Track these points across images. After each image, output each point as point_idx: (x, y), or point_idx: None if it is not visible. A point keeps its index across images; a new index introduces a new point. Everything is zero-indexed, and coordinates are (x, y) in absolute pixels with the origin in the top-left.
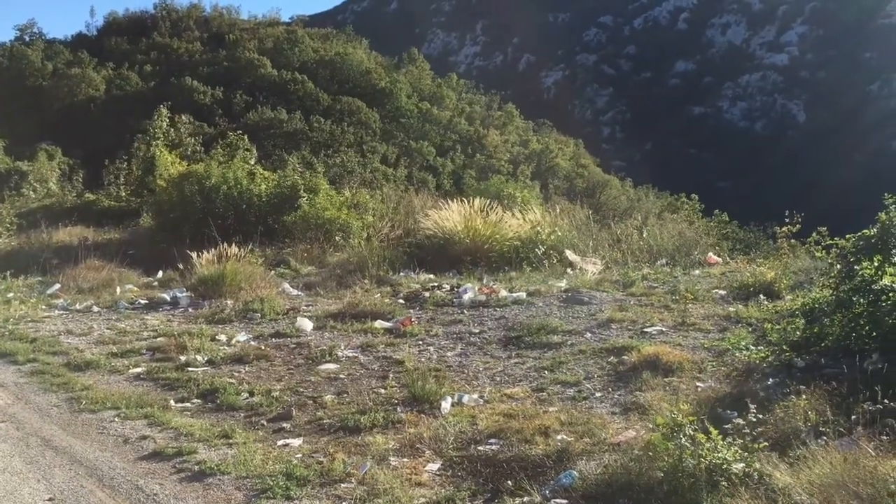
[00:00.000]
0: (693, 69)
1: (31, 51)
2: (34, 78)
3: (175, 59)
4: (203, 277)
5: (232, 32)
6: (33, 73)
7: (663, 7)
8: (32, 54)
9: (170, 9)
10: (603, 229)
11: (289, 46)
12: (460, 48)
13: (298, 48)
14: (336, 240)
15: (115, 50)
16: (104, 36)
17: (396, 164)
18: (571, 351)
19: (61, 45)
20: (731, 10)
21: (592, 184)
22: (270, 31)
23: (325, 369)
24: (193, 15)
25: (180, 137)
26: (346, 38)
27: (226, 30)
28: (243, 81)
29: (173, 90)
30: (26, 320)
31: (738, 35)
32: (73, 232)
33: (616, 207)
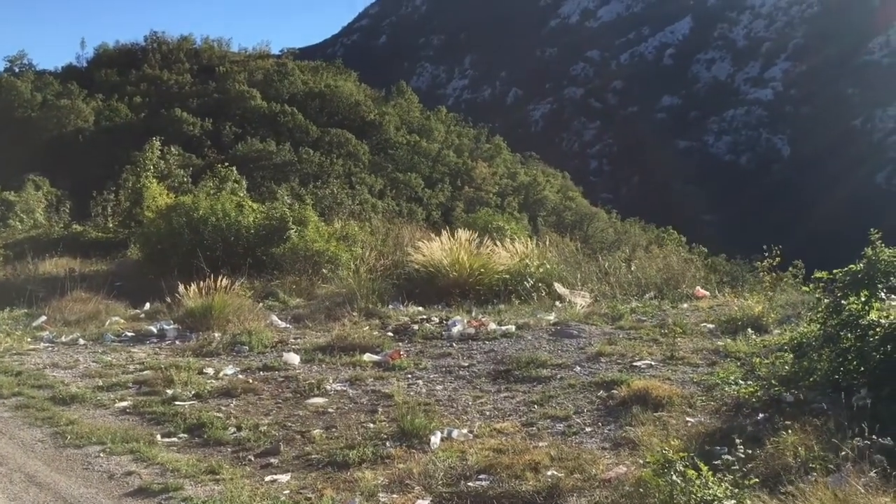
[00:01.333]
0: (679, 104)
1: (20, 82)
2: (23, 109)
3: (165, 91)
4: (190, 310)
5: (222, 64)
6: (22, 105)
7: (649, 43)
8: (22, 85)
9: (160, 41)
10: (591, 262)
11: (279, 79)
12: (449, 81)
13: (288, 80)
14: (324, 272)
15: (105, 81)
16: (94, 68)
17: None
18: (561, 385)
19: (51, 76)
20: (716, 46)
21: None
22: (260, 63)
23: (314, 403)
24: (184, 47)
25: (169, 169)
26: (335, 70)
27: (216, 62)
28: (233, 113)
29: (162, 121)
30: (11, 353)
31: (723, 70)
32: (60, 263)
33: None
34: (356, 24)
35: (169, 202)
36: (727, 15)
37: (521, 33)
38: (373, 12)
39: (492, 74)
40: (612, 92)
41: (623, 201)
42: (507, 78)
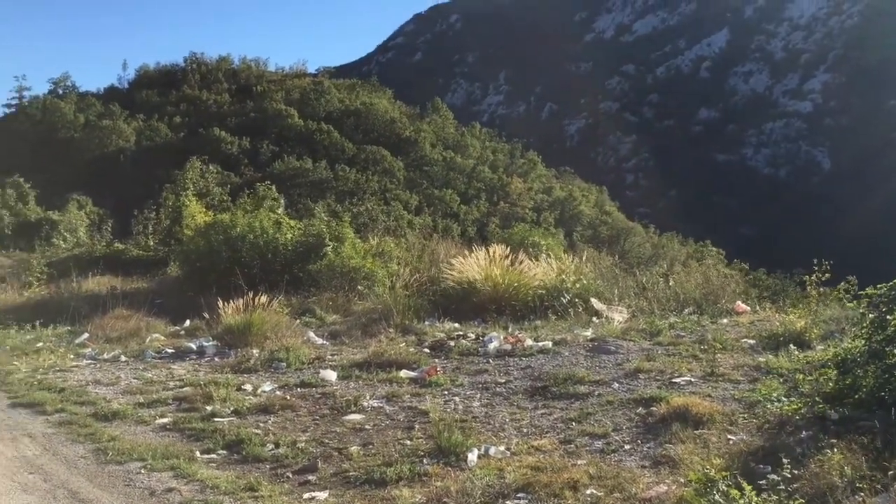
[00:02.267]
0: (716, 117)
1: (64, 104)
2: (66, 130)
3: (204, 111)
4: (229, 326)
5: (260, 84)
6: (66, 126)
7: (685, 56)
8: (65, 107)
9: (199, 61)
10: (628, 277)
11: (315, 97)
12: (483, 97)
13: (324, 99)
14: (361, 288)
15: (146, 102)
16: (135, 88)
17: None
18: (599, 402)
19: (93, 97)
20: (753, 58)
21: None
22: (297, 82)
23: (351, 420)
24: (222, 67)
25: (208, 187)
26: (371, 88)
27: (254, 81)
28: (270, 131)
29: (201, 141)
30: (55, 370)
31: (761, 83)
32: (102, 281)
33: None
34: (391, 42)
35: (207, 220)
36: (764, 27)
37: (556, 48)
38: (408, 30)
39: (526, 90)
40: (647, 105)
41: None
42: (542, 93)
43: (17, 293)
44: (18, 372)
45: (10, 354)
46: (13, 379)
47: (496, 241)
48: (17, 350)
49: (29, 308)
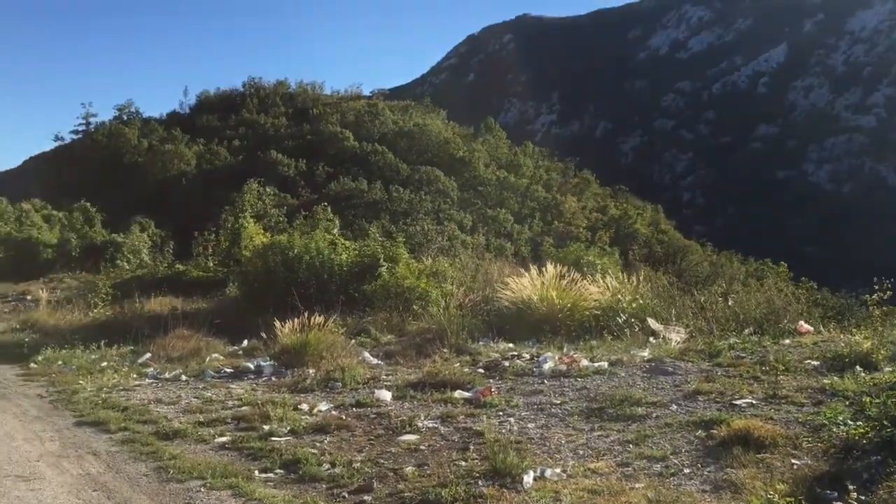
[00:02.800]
0: (775, 132)
1: (128, 129)
2: (130, 155)
3: (262, 134)
4: (286, 346)
5: (316, 107)
6: (130, 150)
7: (742, 72)
8: (129, 132)
9: (258, 86)
10: (686, 296)
11: (370, 119)
12: (536, 116)
13: (379, 120)
14: (415, 308)
15: (206, 126)
16: (196, 113)
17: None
18: (657, 424)
19: (156, 123)
20: (813, 72)
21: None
22: (352, 104)
23: (406, 440)
24: (280, 91)
25: (265, 209)
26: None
27: (310, 104)
28: (326, 153)
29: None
30: (118, 389)
31: (822, 98)
32: (164, 302)
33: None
34: (444, 64)
35: (265, 241)
36: (825, 41)
37: (609, 67)
38: (461, 51)
39: (580, 108)
40: (704, 122)
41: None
42: (596, 111)
43: (82, 314)
44: (84, 391)
45: (76, 374)
46: (79, 398)
47: (550, 260)
48: (83, 369)
49: (94, 328)
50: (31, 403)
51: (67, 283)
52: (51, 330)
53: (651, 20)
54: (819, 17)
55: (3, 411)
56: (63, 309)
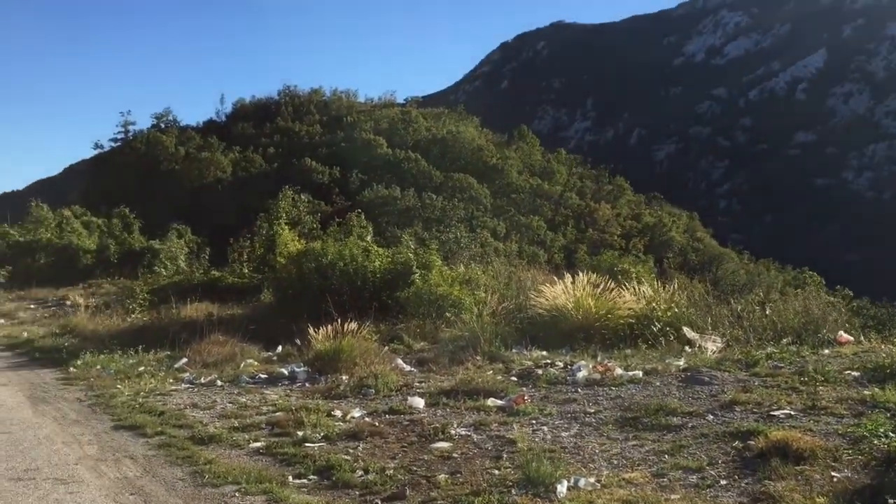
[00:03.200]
0: (814, 139)
1: (165, 137)
2: (168, 162)
3: (296, 141)
4: (319, 353)
5: (350, 114)
6: (167, 158)
7: (780, 78)
8: (167, 140)
9: (292, 94)
10: (722, 305)
11: (403, 126)
12: (570, 123)
13: (412, 128)
14: (448, 315)
15: (242, 134)
16: (232, 121)
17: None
18: (692, 434)
19: (193, 130)
20: (853, 78)
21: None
22: (386, 112)
23: (439, 447)
24: (314, 99)
25: (299, 216)
26: (457, 116)
27: (344, 112)
28: (359, 160)
29: (294, 171)
30: (155, 393)
31: (862, 104)
32: (200, 307)
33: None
34: (478, 71)
35: (299, 248)
36: (864, 46)
37: (644, 73)
38: (494, 59)
39: (614, 115)
40: (740, 129)
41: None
42: (630, 118)
43: (121, 319)
44: (121, 395)
45: (114, 378)
46: (116, 402)
47: (584, 268)
48: (121, 374)
49: (132, 333)
50: (70, 407)
51: (106, 289)
52: (89, 335)
53: (686, 26)
54: (859, 22)
55: (42, 415)
56: (102, 314)
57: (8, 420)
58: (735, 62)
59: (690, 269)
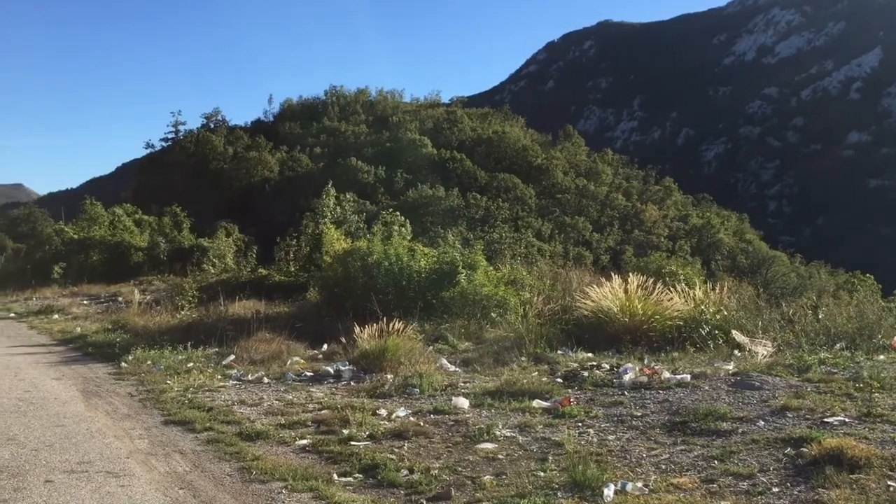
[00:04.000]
0: (868, 140)
1: (214, 137)
2: (217, 161)
3: (342, 141)
4: (365, 352)
5: (395, 114)
6: (216, 157)
7: (833, 77)
8: (216, 140)
9: (339, 94)
10: (772, 308)
11: (448, 126)
12: (617, 124)
13: (457, 128)
14: (493, 316)
15: (289, 134)
16: (279, 121)
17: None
18: (743, 440)
19: (241, 130)
20: None
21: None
22: (431, 112)
23: (483, 448)
24: (360, 99)
25: (345, 215)
26: (503, 116)
27: (390, 112)
28: (404, 160)
29: (339, 170)
30: (204, 389)
31: None
32: (247, 305)
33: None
34: (524, 71)
35: (345, 247)
36: None
37: (693, 73)
38: (540, 58)
39: (662, 115)
40: (791, 130)
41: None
42: (678, 118)
43: (170, 315)
44: (171, 391)
45: (164, 374)
46: (166, 397)
47: (631, 269)
48: (170, 369)
49: (181, 329)
50: (121, 402)
51: (156, 286)
52: (140, 330)
53: (737, 25)
54: None
55: (95, 409)
56: (152, 310)
57: (62, 414)
58: (787, 61)
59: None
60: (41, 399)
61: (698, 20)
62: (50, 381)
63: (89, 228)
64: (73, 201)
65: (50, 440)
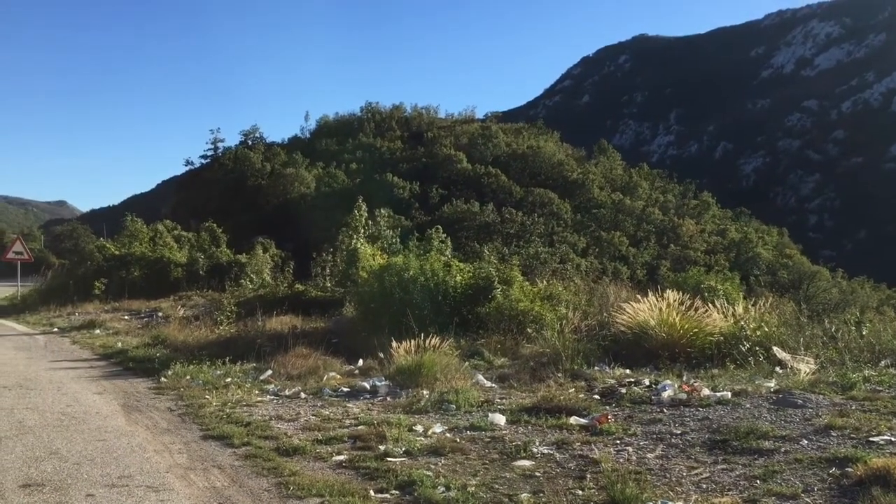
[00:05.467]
0: None
1: (252, 153)
2: (254, 178)
3: (378, 157)
4: (401, 367)
5: (430, 130)
6: (254, 174)
7: (875, 89)
8: (254, 156)
9: (374, 111)
10: (814, 324)
11: (483, 141)
12: (653, 138)
13: (492, 143)
14: (529, 331)
15: (325, 150)
16: (316, 138)
17: (587, 254)
18: (786, 459)
19: (279, 147)
20: None
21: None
22: (466, 127)
23: (520, 466)
24: (395, 115)
25: (379, 230)
26: (537, 131)
27: (425, 128)
28: (439, 176)
29: (375, 185)
30: (241, 404)
31: None
32: (284, 320)
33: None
34: (558, 86)
35: (381, 263)
36: None
37: (730, 86)
38: (575, 73)
39: (699, 129)
40: (832, 142)
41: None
42: (716, 132)
43: (209, 330)
44: (209, 405)
45: (203, 388)
46: (205, 412)
47: (668, 284)
48: (209, 384)
49: (219, 344)
50: (161, 416)
51: (195, 301)
52: (180, 345)
53: (775, 37)
54: None
55: (135, 423)
56: (191, 325)
57: (103, 428)
58: (826, 73)
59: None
60: (83, 413)
61: (735, 33)
62: (91, 396)
63: (130, 244)
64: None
65: (91, 454)
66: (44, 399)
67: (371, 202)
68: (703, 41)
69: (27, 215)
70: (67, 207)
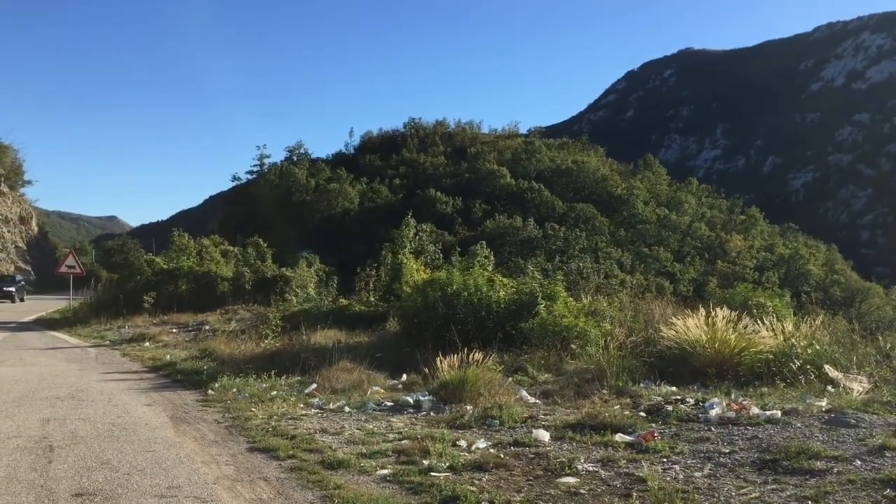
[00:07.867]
0: None
1: (297, 169)
2: (299, 193)
3: (421, 172)
4: (444, 382)
5: (473, 145)
6: (299, 189)
7: None
8: (299, 172)
9: (418, 126)
10: (867, 342)
11: (526, 157)
12: (699, 152)
13: (535, 158)
14: (573, 347)
15: (369, 166)
16: (360, 153)
17: (632, 270)
18: (838, 480)
19: (323, 163)
20: None
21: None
22: (509, 142)
23: (565, 482)
24: (439, 131)
25: (422, 245)
26: (581, 146)
27: (468, 143)
28: (482, 191)
29: (418, 201)
30: (287, 417)
31: None
32: (328, 335)
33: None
34: (602, 101)
35: (425, 277)
36: None
37: (779, 99)
38: (619, 88)
39: (746, 143)
40: (885, 157)
41: None
42: (764, 146)
43: (255, 344)
44: (255, 418)
45: (249, 401)
46: (251, 425)
47: (716, 301)
48: (255, 397)
49: (265, 358)
50: (208, 428)
51: (241, 315)
52: (226, 358)
53: (824, 50)
54: None
55: (183, 434)
56: (237, 339)
57: (152, 439)
58: (878, 86)
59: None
60: (133, 424)
61: (783, 46)
62: (141, 407)
63: (178, 259)
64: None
65: (141, 465)
66: (95, 410)
67: (414, 217)
68: (749, 54)
69: (79, 230)
70: (118, 222)
